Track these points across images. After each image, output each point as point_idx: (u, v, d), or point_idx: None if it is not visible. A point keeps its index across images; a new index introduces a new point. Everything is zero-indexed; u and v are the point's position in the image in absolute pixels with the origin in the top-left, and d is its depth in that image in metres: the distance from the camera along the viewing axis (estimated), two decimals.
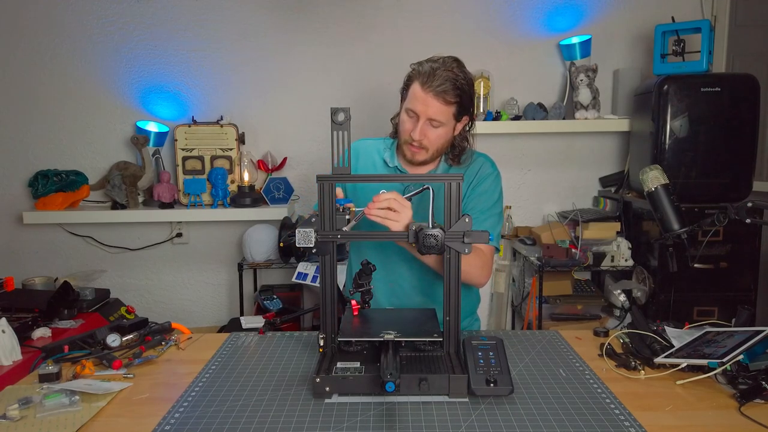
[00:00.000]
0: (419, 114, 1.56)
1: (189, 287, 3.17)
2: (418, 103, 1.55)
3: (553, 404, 1.17)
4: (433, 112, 1.55)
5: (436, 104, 1.54)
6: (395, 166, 1.71)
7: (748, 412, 1.12)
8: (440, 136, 1.60)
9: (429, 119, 1.56)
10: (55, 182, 2.87)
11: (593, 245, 2.74)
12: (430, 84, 1.52)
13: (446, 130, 1.61)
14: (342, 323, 1.39)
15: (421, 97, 1.54)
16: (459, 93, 1.55)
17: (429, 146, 1.61)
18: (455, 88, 1.54)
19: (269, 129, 3.05)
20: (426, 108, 1.55)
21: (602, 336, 1.55)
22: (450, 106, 1.56)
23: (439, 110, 1.55)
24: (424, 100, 1.54)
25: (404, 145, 1.64)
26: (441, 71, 1.53)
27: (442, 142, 1.62)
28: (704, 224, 1.47)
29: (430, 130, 1.58)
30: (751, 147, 2.53)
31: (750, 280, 2.56)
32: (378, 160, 1.74)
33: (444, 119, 1.57)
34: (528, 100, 2.97)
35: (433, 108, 1.54)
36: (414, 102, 1.56)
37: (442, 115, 1.56)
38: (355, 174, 1.66)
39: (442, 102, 1.54)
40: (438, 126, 1.58)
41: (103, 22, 2.95)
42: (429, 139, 1.59)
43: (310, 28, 2.98)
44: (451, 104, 1.56)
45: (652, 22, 2.79)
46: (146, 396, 1.23)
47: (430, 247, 1.25)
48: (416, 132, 1.57)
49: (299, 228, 1.27)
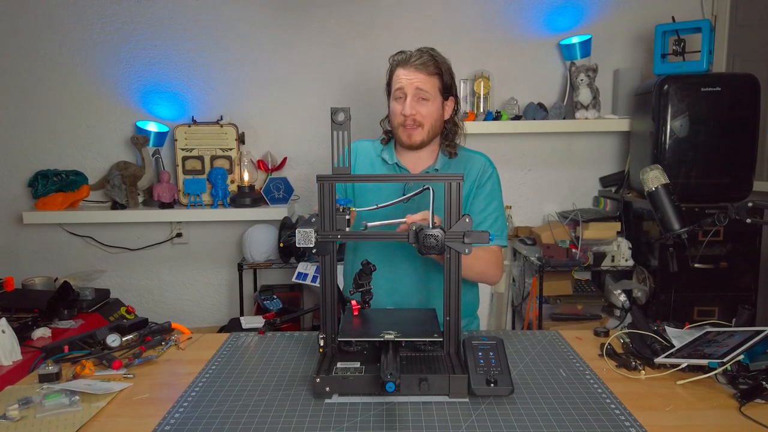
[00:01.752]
0: (406, 89, 1.63)
1: (189, 287, 3.17)
2: (403, 80, 1.64)
3: (554, 404, 1.17)
4: (418, 82, 1.62)
5: (420, 75, 1.62)
6: (395, 162, 1.73)
7: (749, 412, 1.12)
8: (431, 111, 1.66)
9: (416, 91, 1.63)
10: (55, 182, 2.87)
11: (593, 245, 2.74)
12: (409, 61, 1.63)
13: (435, 105, 1.67)
14: (342, 323, 1.39)
15: (404, 75, 1.64)
16: (438, 66, 1.64)
17: (423, 121, 1.66)
18: (434, 61, 1.64)
19: (269, 129, 3.04)
20: (411, 82, 1.63)
21: (602, 336, 1.54)
22: (433, 77, 1.64)
23: (424, 80, 1.63)
24: (407, 75, 1.63)
25: (399, 130, 1.68)
26: (418, 52, 1.65)
27: (435, 117, 1.67)
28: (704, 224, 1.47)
29: (419, 104, 1.65)
30: (751, 147, 2.53)
31: (750, 280, 2.56)
32: (376, 159, 1.76)
33: (430, 90, 1.64)
34: (528, 100, 2.97)
35: (418, 79, 1.62)
36: (399, 81, 1.65)
37: (427, 85, 1.63)
38: (355, 174, 1.66)
39: (425, 73, 1.63)
40: (427, 98, 1.64)
41: (103, 22, 2.95)
42: (421, 113, 1.65)
43: (310, 28, 2.98)
44: (433, 75, 1.64)
45: (652, 21, 2.79)
46: (146, 396, 1.23)
47: (431, 248, 1.25)
48: (407, 107, 1.63)
49: (299, 228, 1.27)
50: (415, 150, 1.71)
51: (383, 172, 1.74)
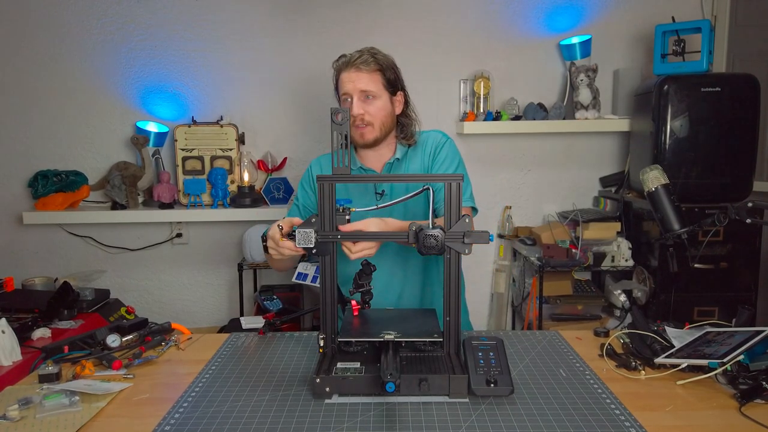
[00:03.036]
0: (351, 92, 1.65)
1: (189, 287, 3.17)
2: (346, 83, 1.66)
3: (554, 404, 1.17)
4: (361, 84, 1.65)
5: (362, 75, 1.65)
6: (359, 166, 1.75)
7: (749, 413, 1.12)
8: (379, 108, 1.67)
9: (360, 92, 1.65)
10: (55, 182, 2.87)
11: (593, 245, 2.74)
12: (349, 64, 1.66)
13: (383, 102, 1.68)
14: (342, 323, 1.39)
15: (347, 77, 1.66)
16: (379, 63, 1.67)
17: (372, 120, 1.67)
18: (374, 58, 1.67)
19: (269, 129, 3.04)
20: (354, 83, 1.65)
21: (602, 336, 1.54)
22: (374, 74, 1.66)
23: (367, 80, 1.65)
24: (349, 78, 1.66)
25: (352, 131, 1.68)
26: (357, 53, 1.68)
27: (384, 114, 1.69)
28: (704, 224, 1.47)
29: (366, 103, 1.66)
30: (751, 147, 2.53)
31: (750, 280, 2.56)
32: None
33: (374, 88, 1.65)
34: (528, 100, 2.97)
35: (360, 79, 1.65)
36: (343, 85, 1.67)
37: (371, 84, 1.65)
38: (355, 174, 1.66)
39: (366, 72, 1.65)
40: (373, 97, 1.66)
41: (103, 22, 2.94)
42: (369, 113, 1.66)
43: (310, 28, 2.98)
44: (374, 72, 1.66)
45: (652, 22, 2.79)
46: (146, 396, 1.23)
47: (430, 248, 1.25)
48: (354, 107, 1.65)
49: (299, 228, 1.27)
50: (371, 148, 1.72)
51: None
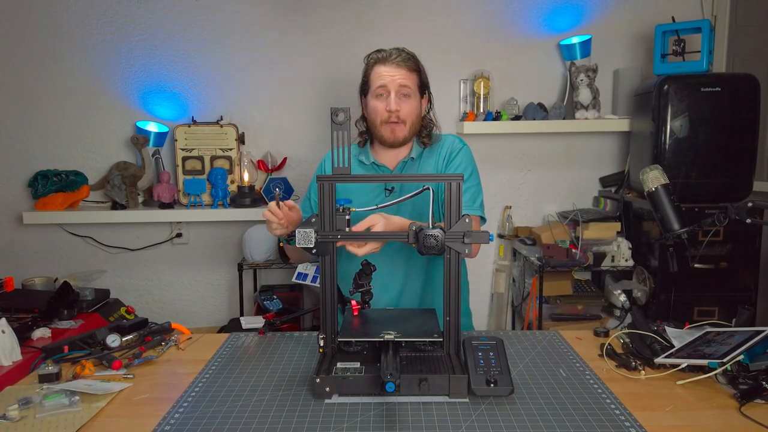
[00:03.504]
0: (389, 86, 1.65)
1: (189, 287, 3.16)
2: (386, 77, 1.66)
3: (554, 404, 1.17)
4: (401, 79, 1.65)
5: (402, 71, 1.66)
6: (372, 162, 1.75)
7: (749, 413, 1.12)
8: (413, 107, 1.69)
9: (399, 88, 1.65)
10: (55, 182, 2.87)
11: (593, 245, 2.74)
12: (391, 59, 1.66)
13: (416, 102, 1.70)
14: (342, 323, 1.39)
15: (386, 71, 1.66)
16: (416, 64, 1.70)
17: (406, 118, 1.68)
18: (412, 59, 1.69)
19: (269, 129, 3.04)
20: (394, 78, 1.66)
21: (602, 336, 1.55)
22: (413, 73, 1.68)
23: (406, 77, 1.66)
24: (390, 72, 1.66)
25: (382, 127, 1.69)
26: (395, 50, 1.69)
27: (416, 114, 1.70)
28: (704, 224, 1.47)
29: (402, 101, 1.67)
30: (752, 147, 2.53)
31: (750, 280, 2.56)
32: (354, 162, 1.77)
33: (412, 86, 1.67)
34: (528, 100, 2.97)
35: (400, 75, 1.66)
36: (381, 78, 1.67)
37: (409, 81, 1.67)
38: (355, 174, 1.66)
39: (406, 69, 1.66)
40: (408, 94, 1.67)
41: (103, 22, 2.94)
42: (404, 110, 1.67)
43: (310, 28, 2.98)
44: (413, 72, 1.68)
45: (652, 22, 2.78)
46: (146, 396, 1.23)
47: (431, 248, 1.25)
48: (392, 102, 1.65)
49: (299, 228, 1.27)
50: (396, 147, 1.73)
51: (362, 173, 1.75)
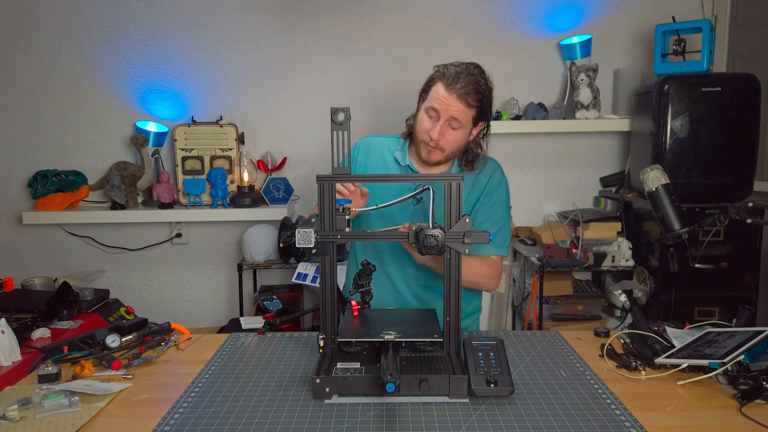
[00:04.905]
0: (440, 113, 1.58)
1: (188, 288, 3.16)
2: (441, 102, 1.57)
3: (554, 405, 1.16)
4: (454, 111, 1.57)
5: (459, 105, 1.56)
6: (407, 165, 1.71)
7: (749, 413, 1.12)
8: (458, 138, 1.62)
9: (450, 119, 1.58)
10: (55, 182, 2.87)
11: (594, 245, 2.74)
12: (454, 85, 1.55)
13: (464, 133, 1.62)
14: (342, 324, 1.39)
15: (444, 97, 1.56)
16: (480, 98, 1.58)
17: (446, 147, 1.62)
18: (477, 92, 1.57)
19: (269, 129, 3.04)
20: (448, 108, 1.57)
21: (603, 336, 1.54)
22: (471, 109, 1.59)
23: (461, 111, 1.57)
24: (447, 100, 1.56)
25: (421, 145, 1.65)
26: (464, 75, 1.56)
27: (459, 144, 1.64)
28: (705, 224, 1.47)
29: (448, 131, 1.60)
30: (752, 147, 2.53)
31: (751, 280, 2.56)
32: (389, 158, 1.74)
33: (464, 121, 1.59)
34: (528, 100, 2.97)
35: (455, 108, 1.56)
36: (436, 101, 1.58)
37: (462, 116, 1.58)
38: (354, 174, 1.66)
39: (464, 104, 1.57)
40: (457, 128, 1.60)
41: (102, 22, 2.94)
42: (446, 140, 1.61)
43: (310, 28, 2.98)
44: (472, 107, 1.58)
45: (652, 21, 2.78)
46: (146, 397, 1.23)
47: (431, 248, 1.25)
48: (435, 131, 1.59)
49: (299, 228, 1.27)
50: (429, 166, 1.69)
51: (394, 171, 1.72)
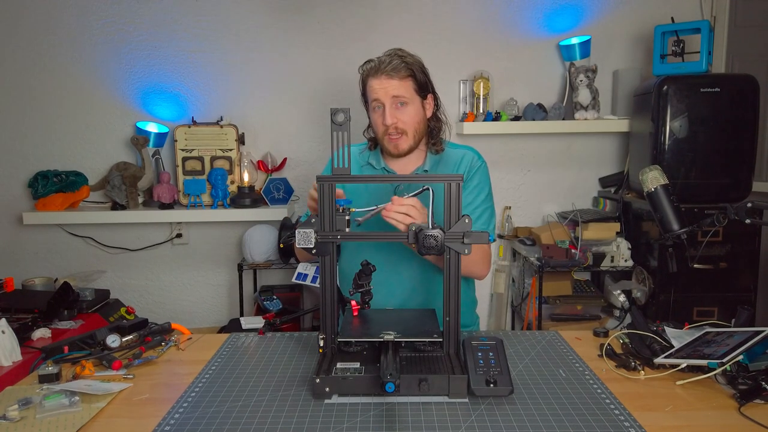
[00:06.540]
0: (382, 99, 1.62)
1: (189, 288, 3.17)
2: (378, 91, 1.62)
3: (553, 405, 1.17)
4: (393, 90, 1.61)
5: (393, 82, 1.61)
6: (382, 167, 1.74)
7: (748, 413, 1.12)
8: (411, 114, 1.64)
9: (393, 100, 1.61)
10: (55, 183, 2.87)
11: (593, 245, 2.75)
12: (381, 70, 1.61)
13: (414, 107, 1.65)
14: (342, 324, 1.39)
15: (378, 84, 1.62)
16: (409, 68, 1.62)
17: (405, 128, 1.64)
18: (404, 64, 1.62)
19: (269, 129, 3.05)
20: (386, 90, 1.61)
21: (602, 336, 1.55)
22: (406, 80, 1.62)
23: (398, 86, 1.61)
24: (381, 84, 1.61)
25: (384, 140, 1.67)
26: (387, 58, 1.63)
27: (417, 121, 1.66)
28: (704, 225, 1.47)
29: (398, 111, 1.63)
30: (751, 147, 2.53)
31: (750, 281, 2.56)
32: (364, 165, 1.77)
33: (407, 95, 1.62)
34: (528, 100, 2.97)
35: (392, 86, 1.60)
36: (374, 93, 1.63)
37: (403, 90, 1.61)
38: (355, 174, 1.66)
39: (398, 79, 1.61)
40: (405, 103, 1.63)
41: (103, 22, 2.95)
42: (401, 119, 1.63)
43: (310, 28, 2.98)
44: (405, 78, 1.62)
45: (651, 22, 2.79)
46: (146, 397, 1.23)
47: (430, 248, 1.25)
48: (387, 116, 1.62)
49: (299, 228, 1.27)
50: (403, 157, 1.71)
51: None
